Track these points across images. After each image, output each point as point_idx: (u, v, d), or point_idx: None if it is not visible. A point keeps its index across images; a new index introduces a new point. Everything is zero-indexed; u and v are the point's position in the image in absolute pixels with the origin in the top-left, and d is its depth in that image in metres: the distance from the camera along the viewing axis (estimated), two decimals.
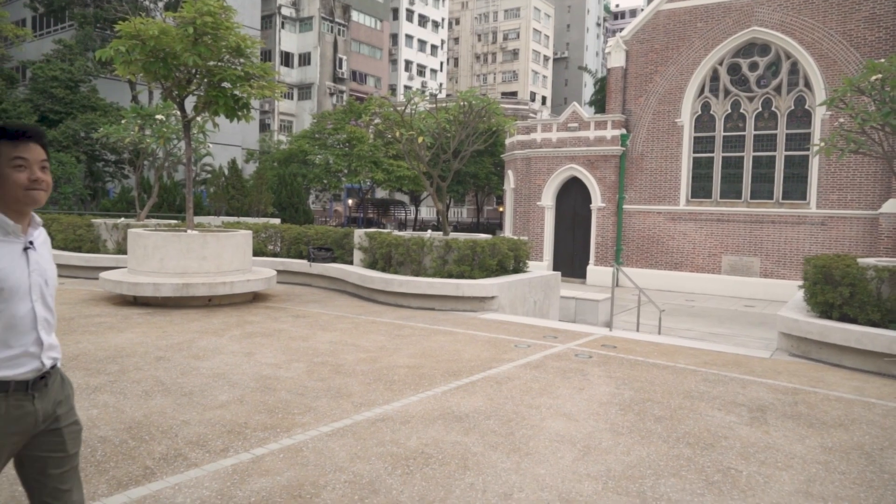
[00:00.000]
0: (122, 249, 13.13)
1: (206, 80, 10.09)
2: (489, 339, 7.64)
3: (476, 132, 11.79)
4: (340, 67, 51.75)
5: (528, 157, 21.55)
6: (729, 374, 6.34)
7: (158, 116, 15.51)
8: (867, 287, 6.96)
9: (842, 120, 8.45)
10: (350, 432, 4.26)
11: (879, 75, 7.27)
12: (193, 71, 9.94)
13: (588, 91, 75.01)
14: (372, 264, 11.34)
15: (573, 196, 21.08)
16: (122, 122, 15.85)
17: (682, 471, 3.84)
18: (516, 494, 3.42)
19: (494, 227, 39.35)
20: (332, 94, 51.17)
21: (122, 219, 15.56)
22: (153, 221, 14.86)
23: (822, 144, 8.32)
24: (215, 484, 3.40)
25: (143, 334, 7.19)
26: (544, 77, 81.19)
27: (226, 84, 10.10)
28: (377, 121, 13.22)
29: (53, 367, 2.01)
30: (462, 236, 11.07)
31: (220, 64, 10.02)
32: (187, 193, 10.64)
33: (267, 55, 48.15)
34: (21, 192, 1.88)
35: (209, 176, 29.36)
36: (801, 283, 8.03)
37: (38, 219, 2.02)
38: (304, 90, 51.32)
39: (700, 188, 19.27)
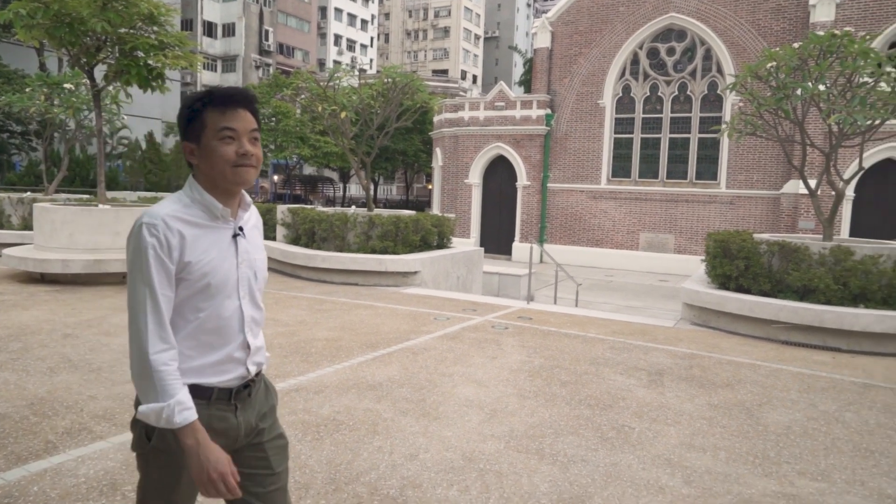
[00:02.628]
0: (28, 225, 12.47)
1: (116, 47, 9.65)
2: (410, 312, 7.78)
3: (401, 108, 11.80)
4: (267, 40, 50.14)
5: (456, 135, 21.69)
6: (634, 342, 6.72)
7: (67, 85, 14.71)
8: (760, 260, 7.50)
9: (741, 104, 8.98)
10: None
11: (774, 63, 7.75)
12: (103, 38, 9.49)
13: (518, 71, 75.69)
14: (295, 240, 11.24)
15: (500, 174, 21.41)
16: (27, 90, 14.95)
17: (581, 429, 4.10)
18: (422, 455, 3.58)
19: (424, 204, 39.43)
20: (258, 67, 49.58)
21: (29, 193, 14.75)
22: (63, 196, 14.17)
23: (724, 127, 8.81)
24: (121, 455, 3.39)
25: (51, 312, 6.93)
26: (475, 56, 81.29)
27: (139, 53, 9.70)
28: (304, 95, 13.01)
29: (258, 373, 1.76)
30: (386, 212, 11.13)
31: (132, 31, 9.59)
32: (98, 166, 10.20)
33: (188, 24, 46.09)
34: (229, 169, 1.61)
35: (126, 149, 28.07)
36: (703, 257, 8.54)
37: (248, 199, 1.73)
38: (228, 62, 49.47)
39: (620, 168, 19.97)
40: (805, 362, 6.15)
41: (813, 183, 10.59)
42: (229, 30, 49.28)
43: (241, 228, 1.68)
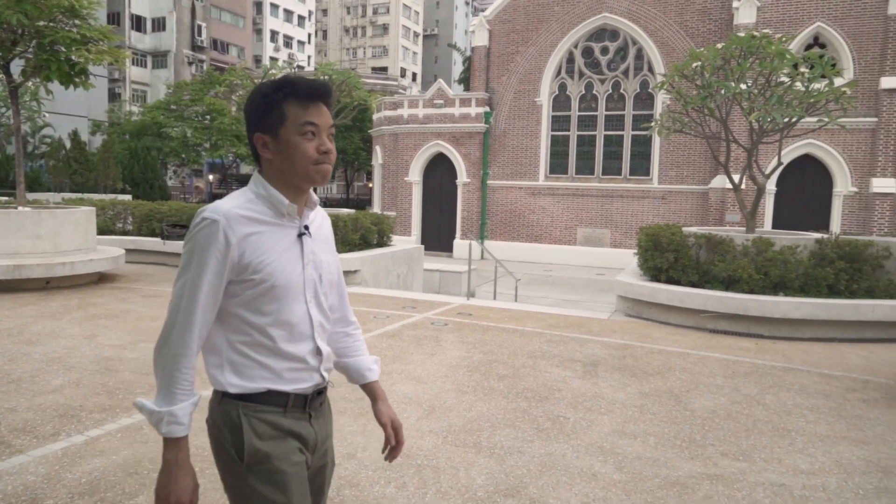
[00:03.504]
0: None
1: (35, 41, 9.19)
2: None
3: (339, 105, 11.68)
4: (200, 35, 48.66)
5: (396, 132, 21.64)
6: (570, 334, 6.88)
7: None
8: (689, 252, 7.79)
9: (670, 103, 9.30)
10: (196, 409, 4.19)
11: (699, 62, 8.07)
12: (19, 31, 9.02)
13: (458, 69, 76.00)
14: None
15: (440, 172, 21.48)
16: None
17: (517, 421, 4.17)
18: (359, 454, 3.57)
19: (365, 202, 39.17)
20: (191, 63, 48.07)
21: None
22: None
23: (654, 124, 9.12)
24: (42, 469, 3.25)
25: None
26: (414, 53, 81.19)
27: (60, 47, 9.26)
28: (239, 92, 12.71)
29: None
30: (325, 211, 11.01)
31: (51, 24, 9.16)
32: (17, 167, 9.70)
33: (115, 18, 44.23)
34: (310, 166, 1.52)
35: (49, 149, 26.77)
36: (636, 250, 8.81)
37: (314, 197, 1.63)
38: (158, 58, 47.78)
39: (557, 164, 20.36)
40: (730, 349, 6.44)
41: (737, 178, 11.08)
42: (159, 24, 47.59)
43: (306, 227, 1.59)
